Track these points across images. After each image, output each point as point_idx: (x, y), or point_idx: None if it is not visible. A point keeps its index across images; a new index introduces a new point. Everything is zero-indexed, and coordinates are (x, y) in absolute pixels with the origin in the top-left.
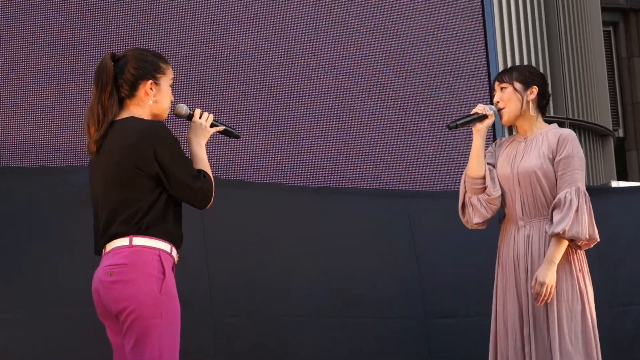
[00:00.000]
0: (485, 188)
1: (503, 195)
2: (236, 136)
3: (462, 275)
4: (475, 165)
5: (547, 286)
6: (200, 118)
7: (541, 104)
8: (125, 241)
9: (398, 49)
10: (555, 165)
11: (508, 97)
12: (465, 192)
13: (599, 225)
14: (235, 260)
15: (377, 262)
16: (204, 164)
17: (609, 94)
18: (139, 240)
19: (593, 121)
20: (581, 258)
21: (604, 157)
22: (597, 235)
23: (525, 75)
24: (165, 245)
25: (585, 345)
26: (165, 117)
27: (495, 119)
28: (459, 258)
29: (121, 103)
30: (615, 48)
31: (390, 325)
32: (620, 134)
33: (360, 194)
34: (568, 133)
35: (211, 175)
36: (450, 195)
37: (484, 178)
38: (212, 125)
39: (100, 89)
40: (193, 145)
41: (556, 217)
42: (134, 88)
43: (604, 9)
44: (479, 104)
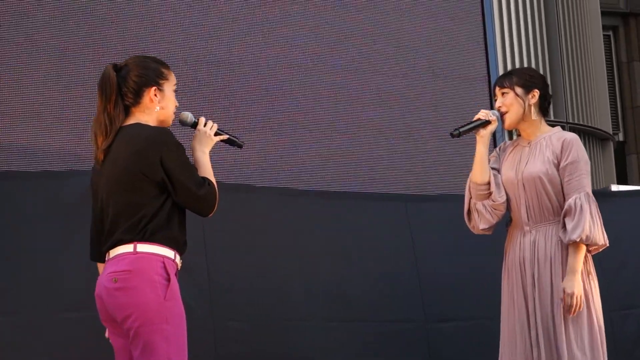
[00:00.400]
0: (490, 194)
1: (508, 200)
2: (239, 145)
3: (462, 279)
4: (479, 172)
5: (577, 297)
6: (204, 126)
7: (543, 107)
8: (130, 248)
9: (399, 54)
10: (561, 171)
11: (510, 103)
12: (470, 198)
13: None
14: (235, 264)
15: (378, 266)
16: (208, 172)
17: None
18: (144, 247)
19: (593, 125)
20: (588, 262)
21: (604, 161)
22: (607, 240)
23: (526, 79)
24: (169, 252)
25: (592, 349)
26: (170, 123)
27: (498, 124)
28: (459, 262)
29: (127, 111)
30: (615, 52)
31: (391, 329)
32: (621, 137)
33: (360, 198)
34: (572, 137)
35: (215, 183)
36: (450, 198)
37: (489, 184)
38: (216, 134)
39: (105, 100)
40: (197, 153)
41: (569, 225)
42: (138, 95)
43: (603, 13)
44: (482, 109)
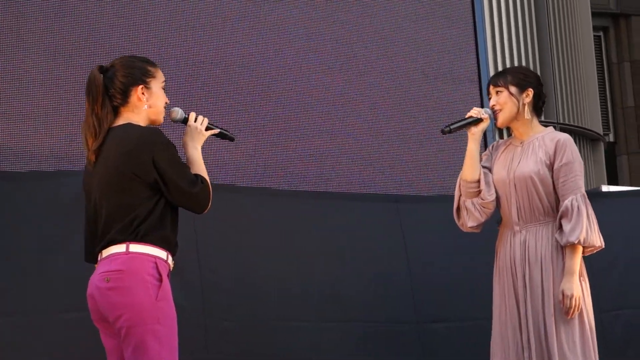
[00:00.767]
0: (479, 192)
1: (498, 199)
2: (231, 138)
3: (455, 280)
4: (469, 169)
5: (576, 298)
6: (195, 121)
7: (537, 106)
8: (122, 248)
9: (390, 54)
10: (555, 172)
11: (504, 101)
12: (460, 196)
13: None
14: (227, 264)
15: (370, 267)
16: (200, 168)
17: (600, 99)
18: (136, 247)
19: (583, 126)
20: (580, 263)
21: (594, 162)
22: (603, 242)
23: (520, 79)
24: (161, 253)
25: (583, 350)
26: (161, 121)
27: (490, 123)
28: (451, 262)
29: (116, 111)
30: (605, 53)
31: (383, 330)
32: (611, 138)
33: (352, 198)
34: (566, 138)
35: (208, 179)
36: (442, 199)
37: (479, 182)
38: (208, 129)
39: (92, 101)
40: (189, 149)
41: (566, 226)
42: (126, 95)
43: (594, 14)
44: (474, 107)
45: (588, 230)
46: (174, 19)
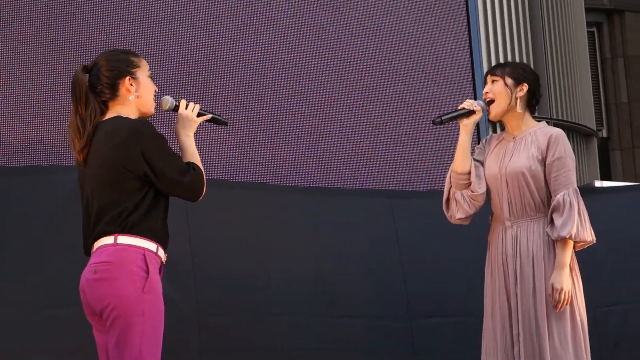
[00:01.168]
0: (470, 184)
1: (490, 194)
2: (224, 123)
3: (447, 275)
4: (461, 161)
5: (565, 292)
6: (186, 109)
7: (530, 103)
8: (110, 239)
9: (384, 50)
10: (547, 167)
11: (498, 91)
12: (450, 187)
13: None
14: (220, 259)
15: (362, 262)
16: (193, 156)
17: (593, 95)
18: (124, 239)
19: (577, 121)
20: (572, 259)
21: (587, 157)
22: (594, 237)
23: (518, 72)
24: (150, 245)
25: (575, 345)
26: (153, 112)
27: (482, 116)
28: (444, 258)
29: (106, 106)
30: (599, 49)
31: (375, 324)
32: (604, 134)
33: (345, 194)
34: (558, 133)
35: (201, 166)
36: (435, 194)
37: (469, 174)
38: (199, 115)
39: (76, 102)
40: (181, 137)
41: (558, 221)
42: (114, 89)
43: (588, 10)
44: (467, 99)
45: (579, 225)
46: (168, 13)
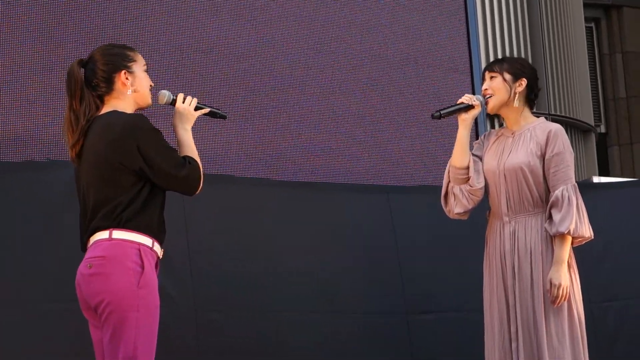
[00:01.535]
0: (468, 178)
1: (488, 189)
2: (223, 116)
3: (444, 271)
4: (459, 155)
5: (563, 288)
6: (183, 102)
7: (529, 98)
8: (106, 234)
9: (381, 45)
10: (546, 162)
11: (497, 87)
12: (448, 182)
13: None
14: (217, 255)
15: (359, 258)
16: (190, 150)
17: (591, 90)
18: (119, 234)
19: (575, 117)
20: (570, 255)
21: (585, 153)
22: (592, 233)
23: (516, 67)
24: (146, 240)
25: (572, 341)
26: (150, 103)
27: (481, 110)
28: (441, 253)
29: (102, 101)
30: (597, 44)
31: (372, 320)
32: (602, 129)
33: (342, 189)
34: (557, 128)
35: (198, 159)
36: (432, 190)
37: (468, 168)
38: (197, 109)
39: (71, 97)
40: (179, 131)
41: (556, 216)
42: (110, 83)
43: (586, 5)
44: (466, 94)
45: (577, 220)
46: (164, 6)
